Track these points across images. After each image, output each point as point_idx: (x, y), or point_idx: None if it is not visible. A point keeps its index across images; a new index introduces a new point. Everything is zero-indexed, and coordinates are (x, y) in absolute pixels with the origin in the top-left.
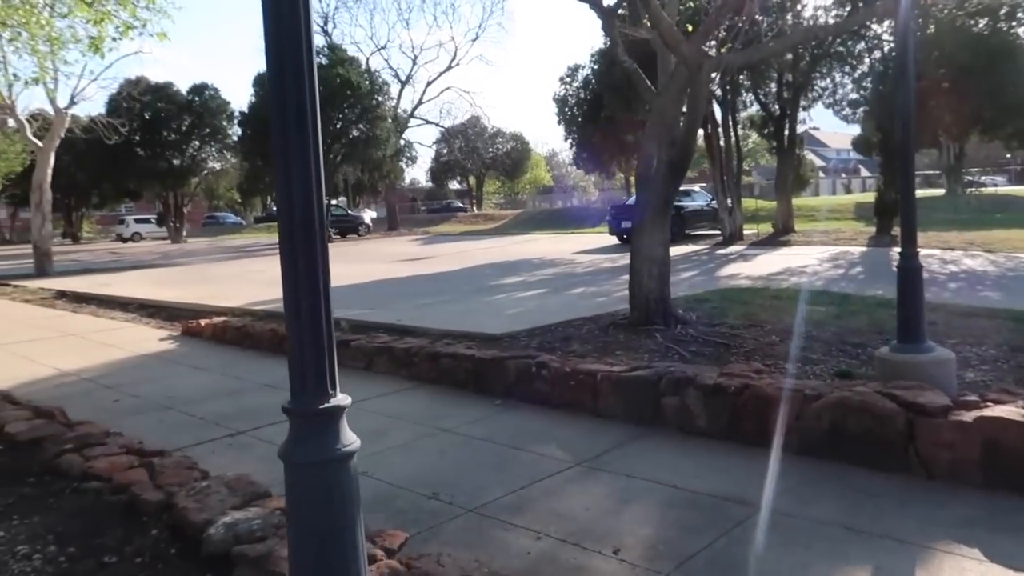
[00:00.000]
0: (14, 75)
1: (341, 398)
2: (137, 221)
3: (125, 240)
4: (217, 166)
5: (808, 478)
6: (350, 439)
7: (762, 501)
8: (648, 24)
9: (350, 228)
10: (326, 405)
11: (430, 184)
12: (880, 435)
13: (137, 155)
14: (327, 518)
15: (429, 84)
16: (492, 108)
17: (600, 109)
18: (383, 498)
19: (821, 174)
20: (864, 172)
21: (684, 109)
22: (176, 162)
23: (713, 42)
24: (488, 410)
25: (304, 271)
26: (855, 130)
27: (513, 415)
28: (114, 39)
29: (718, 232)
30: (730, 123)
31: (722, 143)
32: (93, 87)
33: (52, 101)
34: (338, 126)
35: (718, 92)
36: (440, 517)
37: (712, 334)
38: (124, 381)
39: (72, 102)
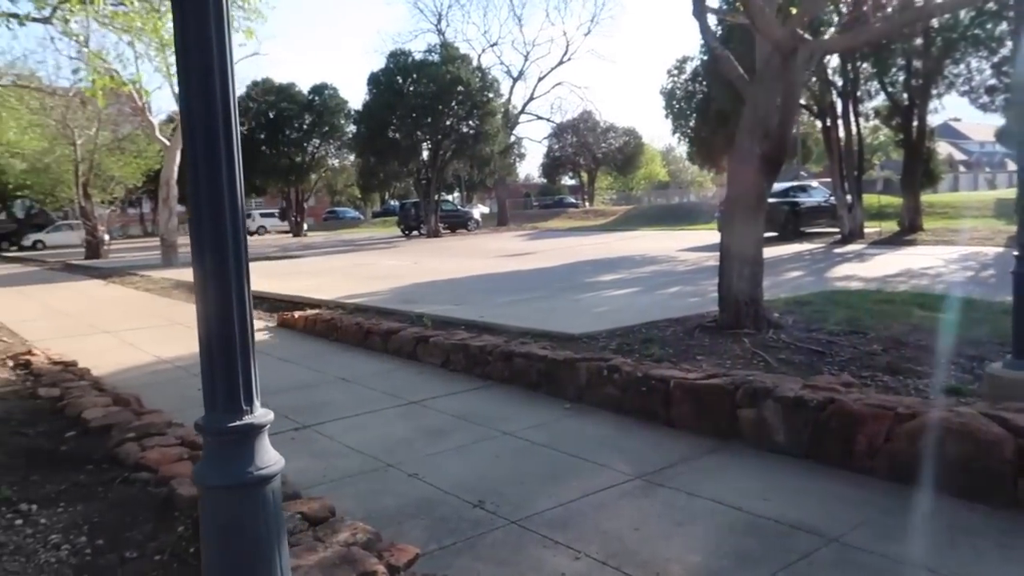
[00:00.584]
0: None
1: (259, 415)
2: (262, 215)
3: (251, 233)
4: (336, 163)
5: (893, 508)
6: (268, 461)
7: (836, 532)
8: (740, 7)
9: (459, 223)
10: (237, 423)
11: (543, 180)
12: (984, 464)
13: (262, 152)
14: (238, 548)
15: (540, 79)
16: (604, 103)
17: (709, 102)
18: (427, 504)
19: (962, 168)
20: (1011, 166)
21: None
22: (297, 159)
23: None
24: (555, 414)
25: (212, 270)
26: (999, 120)
27: (580, 420)
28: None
29: (837, 230)
30: (851, 114)
31: (842, 136)
32: None
33: (177, 102)
34: (448, 123)
35: (838, 81)
36: (480, 528)
37: (807, 340)
38: None
39: None
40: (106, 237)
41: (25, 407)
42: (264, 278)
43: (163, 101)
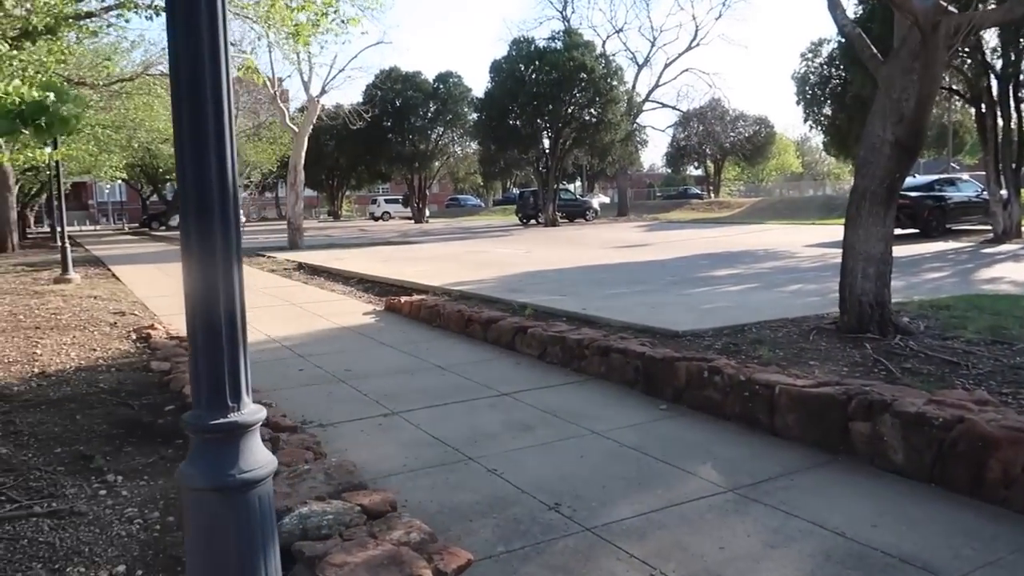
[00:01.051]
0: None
1: (247, 413)
2: (387, 201)
3: (376, 219)
4: (458, 150)
5: None
6: (255, 463)
7: (957, 571)
8: None
9: (577, 213)
10: (220, 421)
11: (667, 170)
12: None
13: (388, 140)
14: (221, 554)
15: (667, 66)
16: (733, 90)
17: (846, 87)
18: (501, 502)
19: None
20: None
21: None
22: (421, 147)
23: None
24: (650, 414)
25: (198, 254)
26: None
27: (675, 423)
28: (313, 24)
29: (989, 228)
30: (1010, 100)
31: (1000, 124)
32: (341, 77)
33: (306, 90)
34: (569, 110)
35: (997, 64)
36: (552, 533)
37: (940, 349)
38: (315, 351)
39: (323, 91)
40: (242, 219)
41: (137, 379)
42: (379, 262)
43: (299, 89)
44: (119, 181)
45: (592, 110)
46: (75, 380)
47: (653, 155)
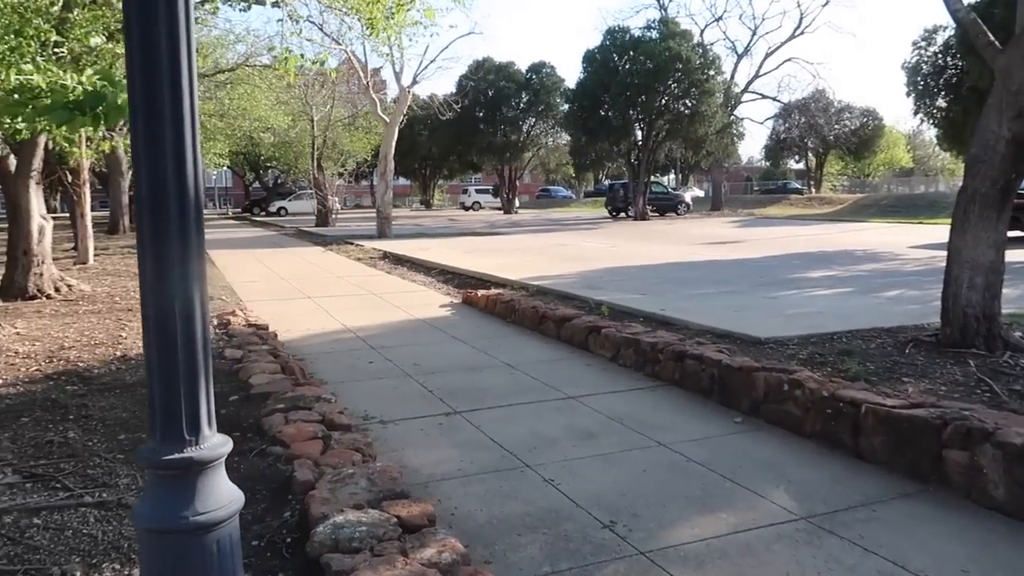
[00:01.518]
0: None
1: (208, 447)
2: (478, 191)
3: (467, 208)
4: (550, 141)
5: None
6: (214, 503)
7: None
8: None
9: (669, 207)
10: (174, 456)
11: (766, 163)
12: None
13: (479, 130)
14: None
15: (768, 55)
16: (839, 80)
17: (962, 78)
18: (554, 516)
19: None
20: None
21: None
22: (513, 137)
23: None
24: (723, 427)
25: (152, 269)
26: None
27: (749, 439)
28: (387, 18)
29: None
30: None
31: None
32: (432, 67)
33: (397, 81)
34: (663, 102)
35: None
36: (603, 554)
37: None
38: (388, 343)
39: (414, 81)
40: (338, 206)
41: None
42: (463, 253)
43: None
44: (224, 168)
45: (687, 101)
46: None
47: (751, 148)
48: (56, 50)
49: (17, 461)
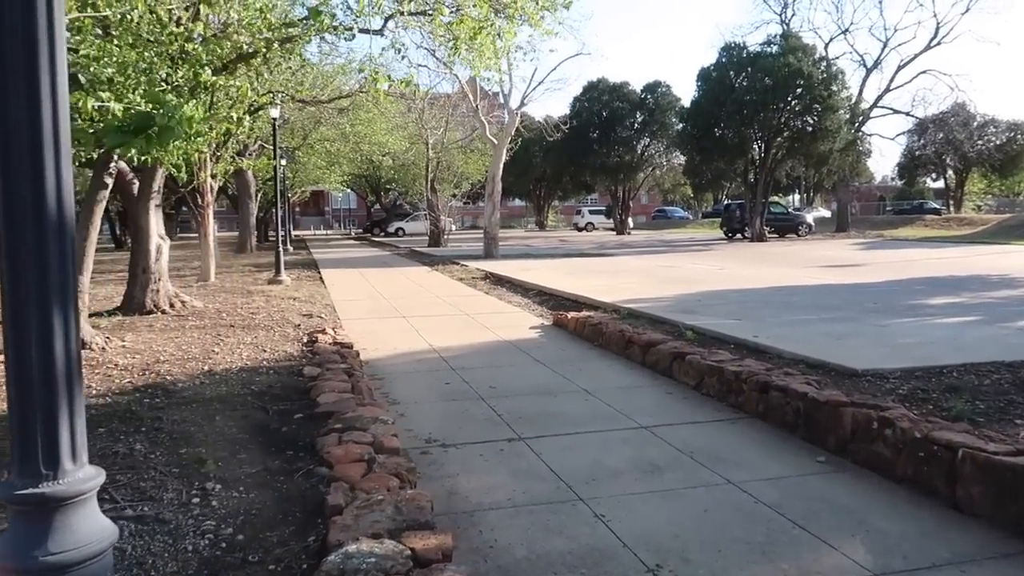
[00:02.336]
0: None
1: (68, 482)
2: (591, 212)
3: (580, 229)
4: (665, 161)
5: None
6: (74, 542)
7: None
8: None
9: (788, 227)
10: (28, 491)
11: (899, 182)
12: None
13: (593, 151)
14: None
15: (900, 68)
16: (980, 92)
17: None
18: (596, 555)
19: None
20: None
21: None
22: (627, 157)
23: None
24: (802, 467)
25: (10, 297)
26: None
27: (829, 481)
28: (470, 38)
29: None
30: None
31: None
32: (541, 89)
33: (505, 103)
34: (782, 119)
35: None
36: None
37: None
38: (469, 365)
39: (522, 103)
40: (452, 227)
41: (287, 383)
42: (564, 275)
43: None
44: (348, 190)
45: (808, 118)
46: (233, 380)
47: (884, 166)
48: (168, 82)
49: None
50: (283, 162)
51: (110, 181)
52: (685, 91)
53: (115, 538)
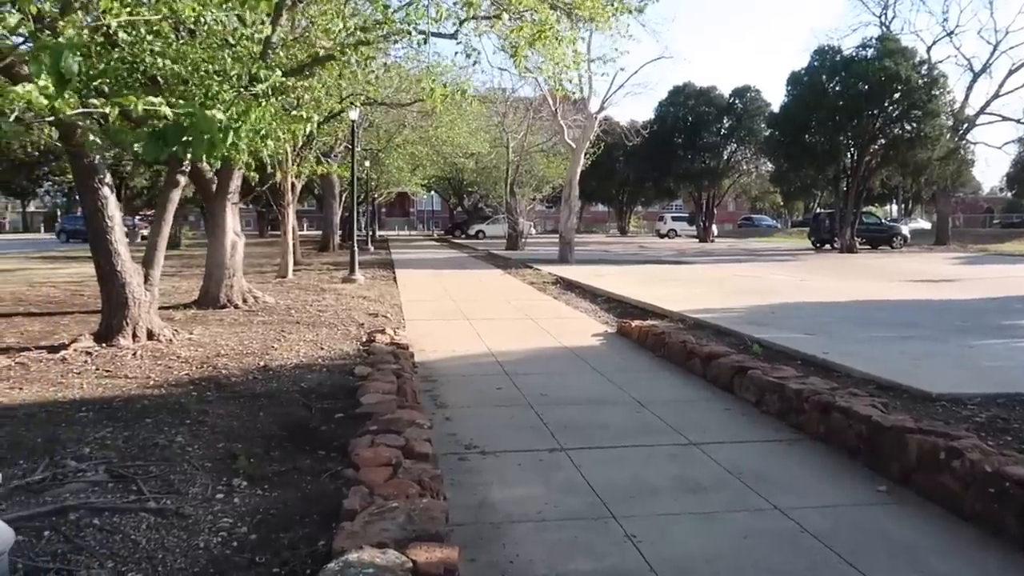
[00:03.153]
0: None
1: None
2: (674, 219)
3: (662, 236)
4: (752, 168)
5: None
6: None
7: None
8: None
9: (881, 239)
10: None
11: (1009, 193)
12: None
13: (677, 156)
14: None
15: (1011, 73)
16: None
17: None
18: None
19: None
20: None
21: None
22: (712, 163)
23: None
24: (859, 495)
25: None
26: None
27: (888, 513)
28: (530, 43)
29: None
30: None
31: None
32: (621, 93)
33: (584, 107)
34: (877, 125)
35: None
36: None
37: None
38: (524, 370)
39: (601, 108)
40: (533, 231)
41: (335, 382)
42: (636, 282)
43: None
44: (431, 192)
45: (906, 124)
46: (285, 376)
47: (991, 176)
48: (246, 88)
49: (118, 459)
50: (366, 163)
51: (182, 180)
52: (774, 96)
53: (11, 543)
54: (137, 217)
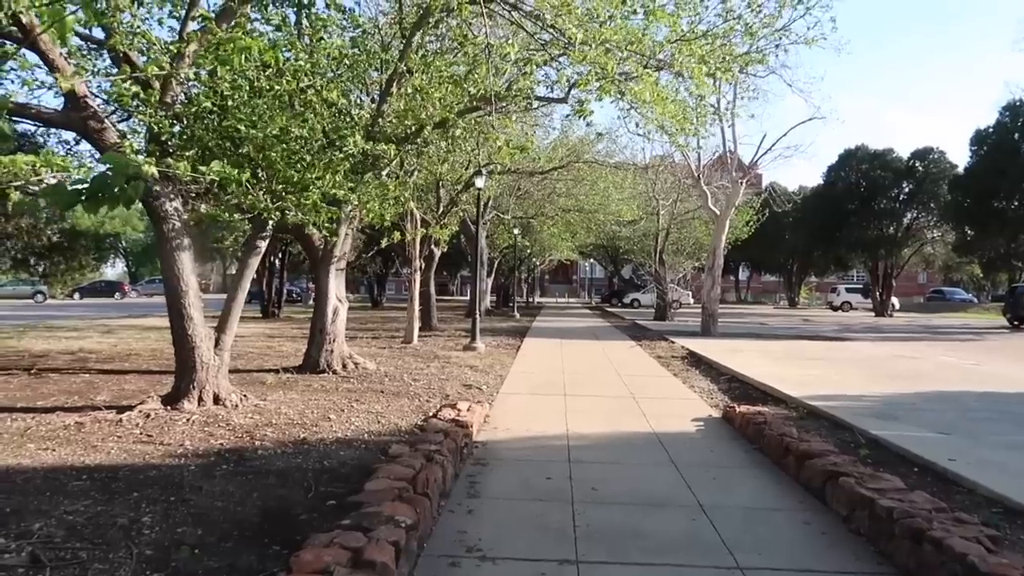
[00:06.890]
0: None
1: None
2: (848, 290)
3: (834, 309)
4: (937, 235)
5: None
6: None
7: None
8: None
9: None
10: None
11: None
12: None
13: (849, 223)
14: None
15: None
16: None
17: None
18: None
19: None
20: None
21: None
22: (888, 231)
23: None
24: None
25: None
26: None
27: None
28: (598, 99)
29: None
30: None
31: None
32: (771, 155)
33: (729, 173)
34: None
35: None
36: None
37: None
38: (590, 458)
39: (745, 172)
40: (690, 300)
41: (361, 462)
42: (772, 359)
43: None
44: (591, 259)
45: None
46: (314, 453)
47: None
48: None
49: (60, 539)
50: (515, 231)
51: (262, 245)
52: (958, 158)
53: None
54: (309, 281)
